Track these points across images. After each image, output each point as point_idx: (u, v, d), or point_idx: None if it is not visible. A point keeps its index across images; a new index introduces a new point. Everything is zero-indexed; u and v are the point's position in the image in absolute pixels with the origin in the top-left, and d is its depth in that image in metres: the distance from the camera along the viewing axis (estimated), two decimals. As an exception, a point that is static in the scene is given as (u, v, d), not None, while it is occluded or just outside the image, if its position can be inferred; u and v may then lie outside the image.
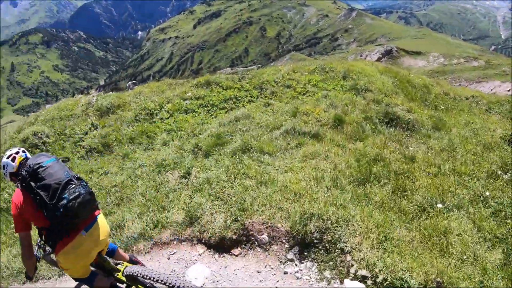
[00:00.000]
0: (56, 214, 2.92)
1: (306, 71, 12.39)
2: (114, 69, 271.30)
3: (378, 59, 44.48)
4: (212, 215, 5.42)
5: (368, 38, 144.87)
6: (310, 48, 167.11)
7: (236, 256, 5.00)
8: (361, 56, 52.31)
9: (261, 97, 10.57)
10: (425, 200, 5.82)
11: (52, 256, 3.78)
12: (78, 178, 3.16)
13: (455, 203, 5.78)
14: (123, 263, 3.74)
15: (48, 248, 3.53)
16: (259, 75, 11.87)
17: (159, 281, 3.28)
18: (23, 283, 5.76)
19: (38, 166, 3.03)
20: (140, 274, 3.36)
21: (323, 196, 5.40)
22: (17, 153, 3.34)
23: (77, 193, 2.98)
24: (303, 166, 6.44)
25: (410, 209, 5.63)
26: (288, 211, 5.12)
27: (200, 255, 5.18)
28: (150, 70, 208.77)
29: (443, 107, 11.69)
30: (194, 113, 9.99)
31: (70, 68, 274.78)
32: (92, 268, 3.48)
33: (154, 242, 5.58)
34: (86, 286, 3.65)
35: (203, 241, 5.30)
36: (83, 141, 9.68)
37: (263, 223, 5.06)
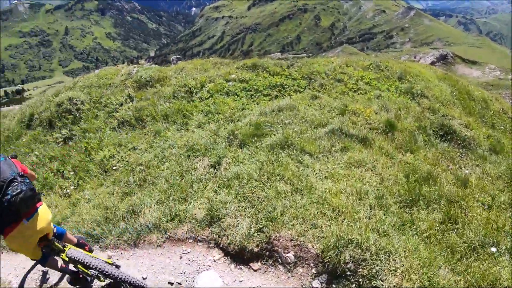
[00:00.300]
0: (1, 207, 3.31)
1: (359, 66, 11.47)
2: (165, 42, 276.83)
3: (432, 63, 41.93)
4: (236, 218, 4.78)
5: (424, 40, 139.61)
6: (363, 43, 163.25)
7: (255, 271, 4.36)
8: (414, 57, 49.84)
9: (309, 88, 9.79)
10: (477, 238, 4.88)
11: None
12: (22, 176, 3.51)
13: (508, 247, 4.84)
14: (67, 245, 4.05)
15: None
16: (309, 65, 11.07)
17: (100, 270, 3.76)
18: None
19: None
20: (81, 259, 3.80)
21: (364, 217, 4.63)
22: None
23: (19, 190, 3.35)
24: (346, 175, 5.67)
25: (459, 247, 4.74)
26: (322, 230, 4.38)
27: (215, 261, 4.59)
28: (201, 46, 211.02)
29: (501, 127, 10.50)
30: (236, 96, 9.35)
31: (122, 37, 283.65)
32: (44, 250, 3.90)
33: (168, 237, 5.05)
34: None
35: (221, 245, 4.69)
36: (117, 112, 9.33)
37: (291, 240, 4.36)
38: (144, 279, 4.68)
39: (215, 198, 5.22)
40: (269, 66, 10.71)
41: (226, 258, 4.61)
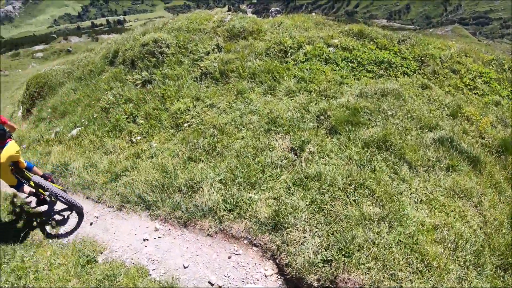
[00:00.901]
0: None
1: (480, 59, 9.39)
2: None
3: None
4: (304, 232, 3.87)
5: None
6: (476, 27, 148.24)
7: (308, 307, 3.48)
8: (528, 58, 42.63)
9: (419, 74, 8.19)
10: None
11: None
12: None
13: None
14: (34, 175, 5.40)
15: None
16: (423, 44, 9.27)
17: (51, 191, 5.22)
18: None
19: None
20: (41, 184, 5.24)
21: (454, 278, 3.48)
22: None
23: None
24: (446, 205, 4.41)
25: None
26: (402, 286, 3.33)
27: (266, 276, 3.81)
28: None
29: None
30: (335, 65, 8.07)
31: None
32: (21, 179, 5.22)
33: (222, 229, 4.36)
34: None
35: (277, 261, 3.86)
36: (202, 61, 8.60)
37: (361, 287, 3.38)
38: (185, 267, 4.10)
39: (286, 198, 4.34)
40: (378, 37, 9.15)
41: (278, 277, 3.81)
